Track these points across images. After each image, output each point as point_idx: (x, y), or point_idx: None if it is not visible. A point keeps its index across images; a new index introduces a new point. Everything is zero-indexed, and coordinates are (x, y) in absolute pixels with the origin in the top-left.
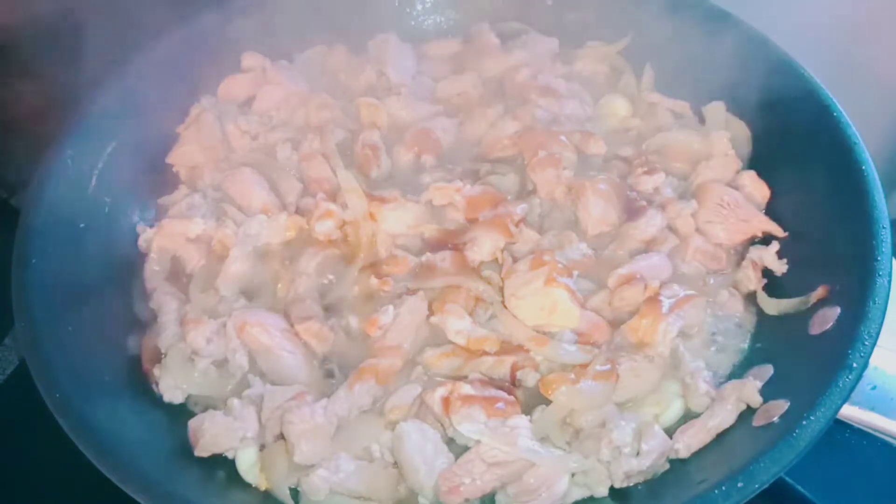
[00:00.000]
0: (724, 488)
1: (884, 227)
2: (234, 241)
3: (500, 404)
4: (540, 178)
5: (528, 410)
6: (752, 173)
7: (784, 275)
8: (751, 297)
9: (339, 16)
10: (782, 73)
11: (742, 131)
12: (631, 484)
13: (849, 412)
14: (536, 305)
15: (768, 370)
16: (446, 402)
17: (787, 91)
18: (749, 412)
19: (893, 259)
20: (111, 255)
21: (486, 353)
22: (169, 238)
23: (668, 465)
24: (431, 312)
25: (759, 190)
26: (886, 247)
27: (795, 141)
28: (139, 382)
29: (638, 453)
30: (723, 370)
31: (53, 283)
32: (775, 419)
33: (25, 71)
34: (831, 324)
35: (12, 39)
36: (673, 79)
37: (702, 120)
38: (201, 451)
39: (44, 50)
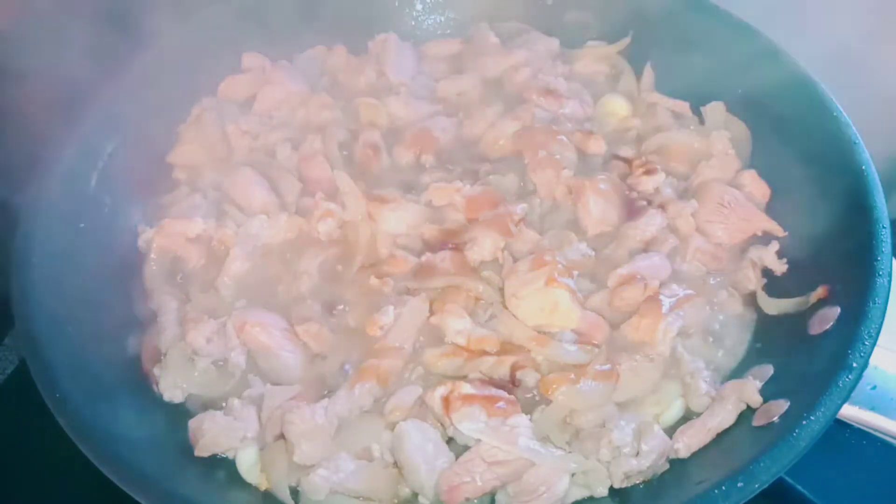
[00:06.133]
0: (724, 488)
1: (884, 227)
2: (235, 241)
3: (500, 403)
4: (540, 178)
5: (528, 410)
6: (753, 172)
7: (784, 275)
8: (751, 297)
9: (339, 16)
10: (782, 73)
11: (742, 131)
12: (631, 484)
13: (849, 412)
14: (537, 306)
15: (768, 370)
16: (446, 401)
17: (786, 91)
18: (749, 412)
19: (893, 259)
20: (111, 255)
21: (486, 353)
22: (169, 238)
23: (667, 465)
24: (431, 312)
25: (759, 189)
26: (886, 247)
27: (795, 141)
28: (139, 382)
29: (638, 453)
30: (723, 370)
31: (53, 283)
32: (775, 419)
33: (25, 71)
34: (831, 324)
35: (12, 39)
36: (673, 79)
37: (702, 120)
38: (201, 451)
39: (44, 50)
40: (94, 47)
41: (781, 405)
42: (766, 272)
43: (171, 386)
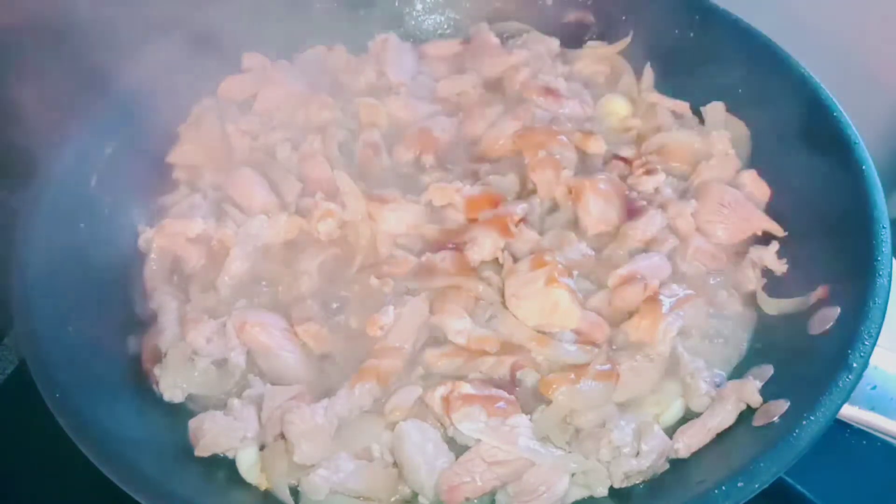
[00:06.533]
0: (724, 488)
1: (884, 227)
2: (235, 241)
3: (500, 403)
4: (540, 178)
5: (528, 410)
6: (753, 172)
7: (784, 275)
8: (751, 297)
9: (339, 16)
10: (782, 73)
11: (742, 131)
12: (631, 484)
13: (849, 412)
14: (537, 306)
15: (768, 370)
16: (446, 401)
17: (787, 91)
18: (749, 412)
19: (893, 259)
20: (111, 255)
21: (486, 353)
22: (169, 238)
23: (668, 465)
24: (431, 312)
25: (759, 189)
26: (886, 247)
27: (795, 141)
28: (139, 382)
29: (638, 453)
30: (723, 370)
31: (53, 283)
32: (775, 419)
33: (25, 71)
34: (831, 324)
35: (12, 39)
36: (673, 79)
37: (702, 120)
38: (201, 451)
39: (44, 50)
40: (94, 47)
41: (781, 405)
42: (766, 272)
43: (171, 386)
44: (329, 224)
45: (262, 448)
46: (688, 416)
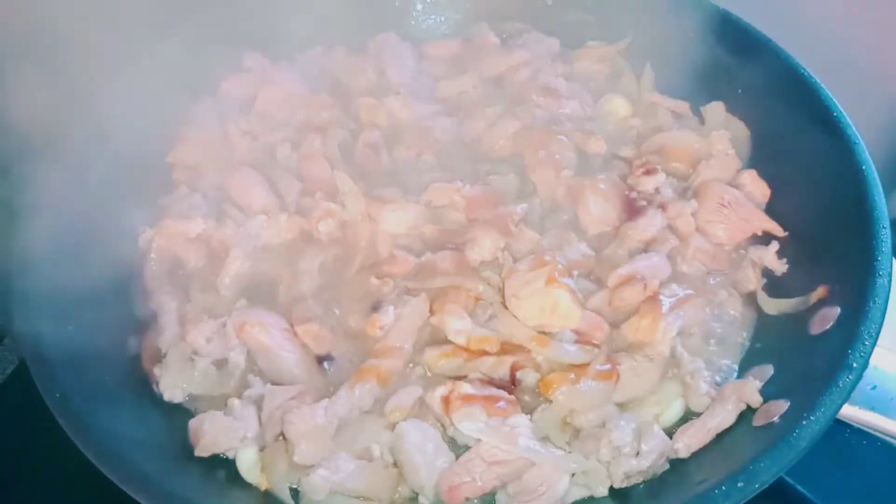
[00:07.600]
0: (724, 488)
1: (884, 227)
2: (235, 241)
3: (500, 403)
4: (540, 179)
5: (528, 410)
6: (753, 172)
7: (784, 275)
8: (751, 297)
9: (339, 16)
10: (782, 73)
11: (742, 131)
12: (631, 484)
13: (849, 412)
14: (537, 306)
15: (768, 370)
16: (446, 401)
17: (787, 91)
18: (749, 412)
19: (893, 259)
20: (111, 255)
21: (486, 353)
22: (169, 238)
23: (667, 465)
24: (431, 312)
25: (759, 189)
26: (886, 247)
27: (795, 141)
28: (139, 382)
29: (638, 453)
30: (723, 370)
31: (53, 284)
32: (775, 419)
33: (26, 71)
34: (831, 324)
35: (12, 39)
36: (673, 79)
37: (702, 120)
38: (201, 451)
39: (44, 50)
40: (94, 47)
41: (781, 405)
42: (766, 272)
43: (172, 386)
44: (329, 224)
45: (262, 448)
46: (688, 416)
